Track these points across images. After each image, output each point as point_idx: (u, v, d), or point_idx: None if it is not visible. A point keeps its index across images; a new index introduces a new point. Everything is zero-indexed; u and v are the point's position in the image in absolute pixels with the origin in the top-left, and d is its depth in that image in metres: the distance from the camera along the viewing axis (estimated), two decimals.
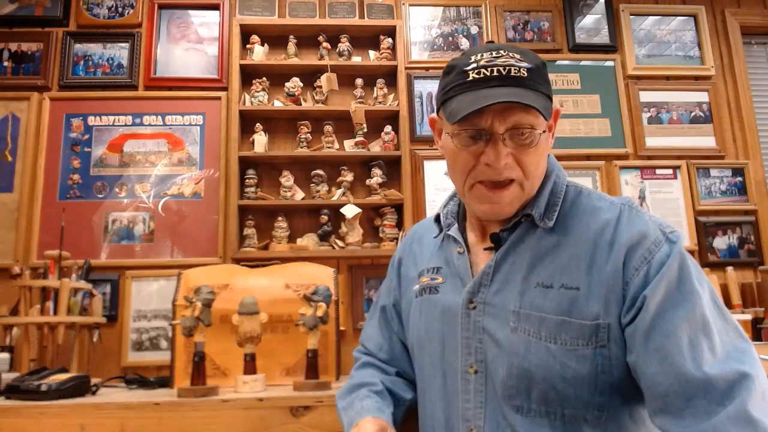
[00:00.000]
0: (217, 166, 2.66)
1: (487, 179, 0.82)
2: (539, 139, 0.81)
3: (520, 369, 0.77)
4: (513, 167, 0.81)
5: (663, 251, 0.75)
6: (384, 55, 2.77)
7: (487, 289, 0.84)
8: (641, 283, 0.73)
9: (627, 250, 0.75)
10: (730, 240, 2.80)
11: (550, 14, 3.01)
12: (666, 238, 0.76)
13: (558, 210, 0.84)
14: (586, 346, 0.74)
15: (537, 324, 0.77)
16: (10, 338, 1.95)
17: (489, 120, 0.79)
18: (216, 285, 1.33)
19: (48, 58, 2.70)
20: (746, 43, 3.09)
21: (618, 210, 0.82)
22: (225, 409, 1.04)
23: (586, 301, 0.75)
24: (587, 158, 2.84)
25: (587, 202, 0.85)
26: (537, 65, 0.83)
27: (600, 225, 0.80)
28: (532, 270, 0.81)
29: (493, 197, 0.82)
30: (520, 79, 0.79)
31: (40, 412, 1.02)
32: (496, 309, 0.82)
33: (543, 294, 0.78)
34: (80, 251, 2.39)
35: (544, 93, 0.81)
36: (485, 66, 0.80)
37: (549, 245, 0.82)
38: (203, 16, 2.83)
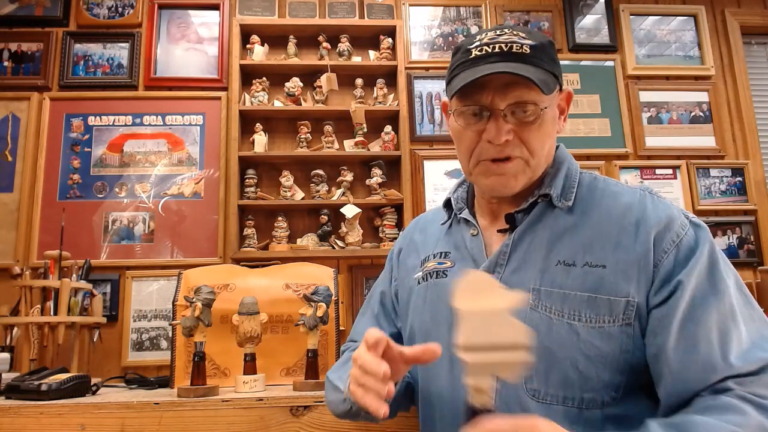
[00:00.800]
0: (217, 166, 2.67)
1: (489, 158, 0.81)
2: (543, 116, 0.80)
3: (541, 348, 0.74)
4: (516, 144, 0.80)
5: (690, 235, 0.76)
6: (384, 55, 2.77)
7: (503, 269, 0.82)
8: (671, 265, 0.74)
9: (656, 233, 0.75)
10: (729, 240, 2.80)
11: (550, 14, 3.01)
12: (691, 222, 0.77)
13: (575, 192, 0.84)
14: (612, 324, 0.73)
15: (560, 301, 0.75)
16: (11, 338, 1.95)
17: (490, 96, 0.79)
18: (216, 285, 1.33)
19: (48, 58, 2.70)
20: (746, 43, 3.09)
21: (638, 194, 0.82)
22: (225, 409, 1.04)
23: (615, 279, 0.74)
24: (587, 158, 2.84)
25: (604, 187, 0.85)
26: (542, 43, 0.82)
27: (622, 207, 0.80)
28: (551, 249, 0.79)
29: (498, 169, 0.81)
30: (521, 55, 0.78)
31: (40, 411, 1.02)
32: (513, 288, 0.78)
33: (565, 272, 0.77)
34: (80, 251, 2.39)
35: (547, 70, 0.80)
36: (488, 43, 0.80)
37: (568, 225, 0.81)
38: (203, 16, 2.83)
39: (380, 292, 1.05)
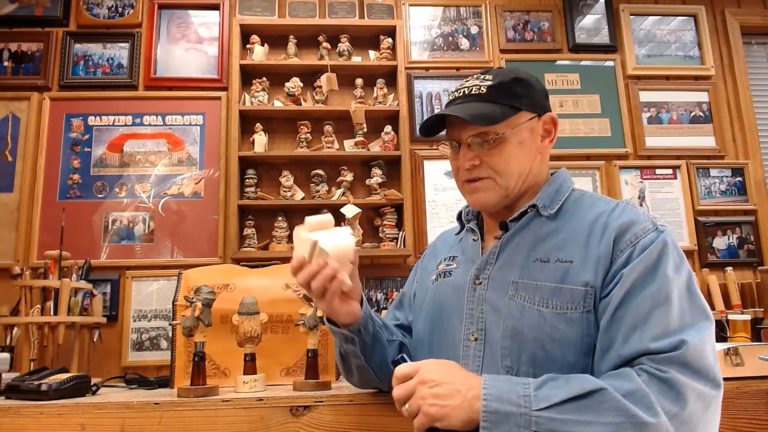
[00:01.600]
0: (217, 166, 2.67)
1: (464, 179, 0.99)
2: (504, 140, 0.94)
3: (514, 330, 0.87)
4: (483, 167, 0.96)
5: (648, 238, 0.85)
6: (384, 55, 2.77)
7: (492, 266, 0.95)
8: (623, 262, 0.84)
9: (617, 234, 0.86)
10: (729, 240, 2.80)
11: (550, 14, 3.01)
12: (655, 227, 0.86)
13: (561, 203, 0.96)
14: (574, 310, 0.84)
15: (532, 291, 0.88)
16: (11, 338, 1.95)
17: (457, 132, 0.98)
18: (216, 285, 1.33)
19: (48, 58, 2.70)
20: (746, 43, 3.09)
21: (615, 204, 0.93)
22: (225, 409, 1.04)
23: (578, 272, 0.86)
24: (587, 158, 2.84)
25: (588, 201, 0.97)
26: (503, 82, 0.97)
27: (596, 214, 0.91)
28: (532, 249, 0.92)
29: (471, 188, 0.98)
30: (477, 96, 0.96)
31: (40, 411, 1.02)
32: (498, 282, 0.93)
33: (540, 267, 0.89)
34: (80, 251, 2.39)
35: (504, 104, 0.95)
36: (457, 89, 1.00)
37: (549, 230, 0.93)
38: (203, 16, 2.83)
39: (401, 293, 1.22)
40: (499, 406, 0.73)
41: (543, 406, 0.73)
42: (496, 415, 0.73)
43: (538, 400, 0.73)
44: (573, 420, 0.72)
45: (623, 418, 0.71)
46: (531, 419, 0.72)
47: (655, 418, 0.71)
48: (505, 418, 0.73)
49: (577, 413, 0.72)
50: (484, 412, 0.73)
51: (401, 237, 2.58)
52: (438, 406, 0.74)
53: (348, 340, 0.98)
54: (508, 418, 0.72)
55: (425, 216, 2.71)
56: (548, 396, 0.74)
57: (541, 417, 0.72)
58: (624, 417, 0.71)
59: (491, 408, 0.73)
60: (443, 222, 2.71)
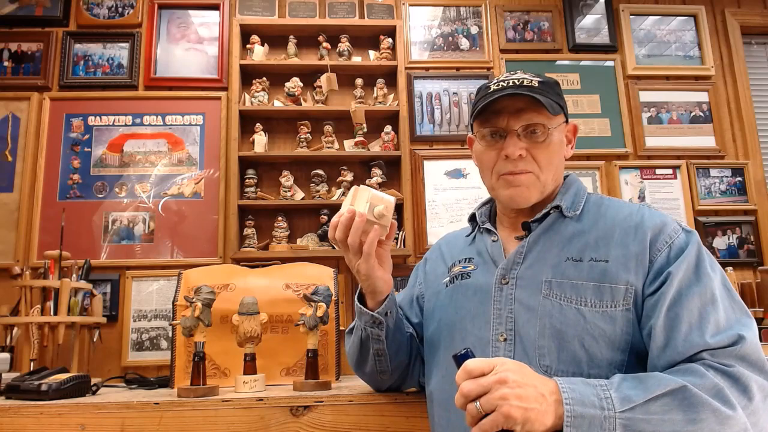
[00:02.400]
0: (217, 166, 2.67)
1: (507, 171, 0.96)
2: (551, 137, 0.95)
3: (552, 329, 0.86)
4: (528, 161, 0.95)
5: (681, 238, 0.89)
6: (384, 55, 2.77)
7: (519, 266, 0.94)
8: (664, 261, 0.86)
9: (652, 234, 0.89)
10: (729, 240, 2.80)
11: (550, 14, 3.01)
12: (683, 229, 0.91)
13: (582, 205, 0.98)
14: (615, 308, 0.85)
15: (569, 289, 0.88)
16: (11, 338, 1.96)
17: (505, 120, 0.95)
18: (216, 285, 1.33)
19: (48, 58, 2.70)
20: (746, 43, 3.09)
21: (638, 207, 0.97)
22: (225, 409, 1.04)
23: (617, 270, 0.87)
24: (587, 158, 2.84)
25: (609, 203, 0.99)
26: (549, 81, 0.98)
27: (624, 214, 0.94)
28: (562, 249, 0.92)
29: (514, 181, 0.96)
30: (531, 87, 0.94)
31: (40, 411, 1.02)
32: (527, 281, 0.92)
33: (574, 266, 0.90)
34: (80, 251, 2.39)
35: (553, 100, 0.94)
36: (503, 80, 0.97)
37: (576, 231, 0.94)
38: (203, 16, 2.83)
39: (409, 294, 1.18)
40: (583, 410, 0.72)
41: (627, 407, 0.72)
42: (580, 420, 0.71)
43: (621, 401, 0.73)
44: (659, 419, 0.72)
45: (708, 413, 0.72)
46: (616, 421, 0.72)
47: (734, 410, 0.73)
48: (590, 422, 0.71)
49: (662, 412, 0.72)
50: (568, 417, 0.71)
51: (401, 237, 2.58)
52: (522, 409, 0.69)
53: (375, 323, 0.98)
54: (593, 422, 0.71)
55: (425, 216, 2.71)
56: (629, 397, 0.73)
57: (626, 418, 0.72)
58: (708, 412, 0.72)
59: (576, 412, 0.72)
60: (443, 222, 2.71)
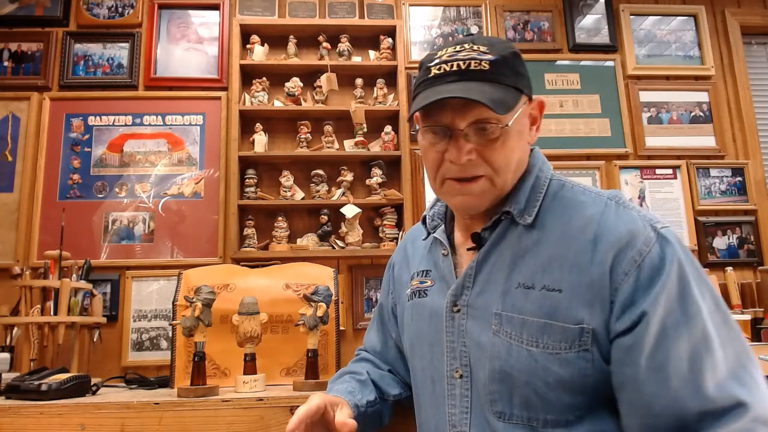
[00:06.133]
0: (217, 165, 2.67)
1: (453, 177, 0.81)
2: (506, 133, 0.78)
3: (502, 373, 0.75)
4: (478, 164, 0.78)
5: (654, 252, 0.71)
6: (384, 55, 2.77)
7: (470, 291, 0.81)
8: (632, 289, 0.70)
9: (615, 251, 0.71)
10: (729, 240, 2.80)
11: (550, 14, 3.01)
12: (657, 235, 0.72)
13: (539, 205, 0.81)
14: (569, 350, 0.72)
15: (519, 327, 0.75)
16: (11, 338, 1.95)
17: (450, 116, 0.78)
18: (216, 285, 1.33)
19: (48, 58, 2.70)
20: (746, 43, 3.09)
21: (603, 204, 0.77)
22: (225, 409, 1.04)
23: (570, 304, 0.72)
24: (587, 158, 2.84)
25: (570, 196, 0.81)
26: (504, 56, 0.79)
27: (583, 221, 0.76)
28: (513, 269, 0.78)
29: (463, 189, 0.80)
30: (480, 73, 0.77)
31: (40, 411, 1.02)
32: (478, 311, 0.80)
33: (524, 295, 0.75)
34: (80, 251, 2.39)
35: (509, 85, 0.78)
36: (446, 61, 0.79)
37: (530, 243, 0.78)
38: (203, 16, 2.83)
39: (380, 304, 1.10)
40: None
41: None
42: None
43: None
44: None
45: None
46: None
47: None
48: None
49: None
50: None
51: (401, 237, 2.58)
52: None
53: None
54: None
55: None
56: None
57: None
58: None
59: None
60: None
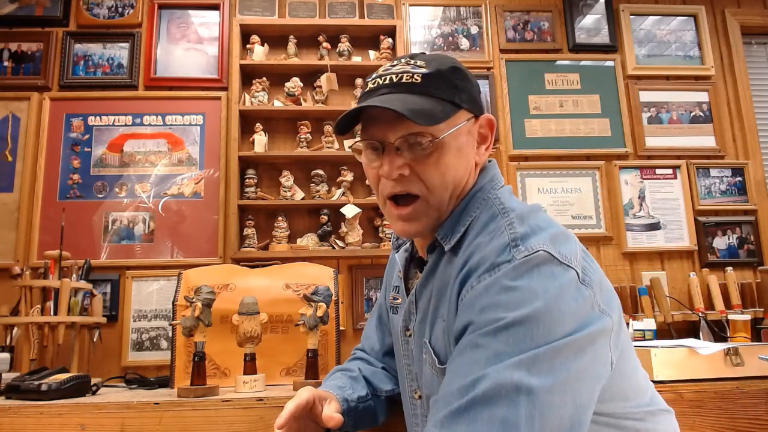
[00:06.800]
0: (217, 166, 2.67)
1: (389, 194, 0.78)
2: (441, 147, 0.75)
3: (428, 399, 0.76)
4: (412, 180, 0.75)
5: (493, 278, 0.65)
6: (384, 55, 2.77)
7: (415, 317, 0.82)
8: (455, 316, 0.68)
9: (462, 279, 0.69)
10: (729, 240, 2.80)
11: (550, 14, 3.01)
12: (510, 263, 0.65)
13: (464, 230, 0.76)
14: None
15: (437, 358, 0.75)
16: (11, 338, 1.95)
17: (381, 130, 0.76)
18: (216, 285, 1.33)
19: (48, 58, 2.70)
20: (746, 43, 3.09)
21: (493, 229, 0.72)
22: (225, 409, 1.04)
23: (446, 340, 0.72)
24: (587, 158, 2.84)
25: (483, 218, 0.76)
26: (440, 70, 0.76)
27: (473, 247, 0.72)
28: (439, 299, 0.76)
29: (401, 215, 0.78)
30: (411, 85, 0.74)
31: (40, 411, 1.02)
32: (418, 338, 0.81)
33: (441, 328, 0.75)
34: (80, 251, 2.39)
35: (443, 98, 0.75)
36: (380, 75, 0.78)
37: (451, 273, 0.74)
38: (203, 16, 2.83)
39: (378, 304, 1.11)
40: None
41: None
42: None
43: None
44: None
45: None
46: None
47: None
48: None
49: None
50: None
51: None
52: None
53: None
54: None
55: None
56: None
57: None
58: None
59: None
60: None
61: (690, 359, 1.27)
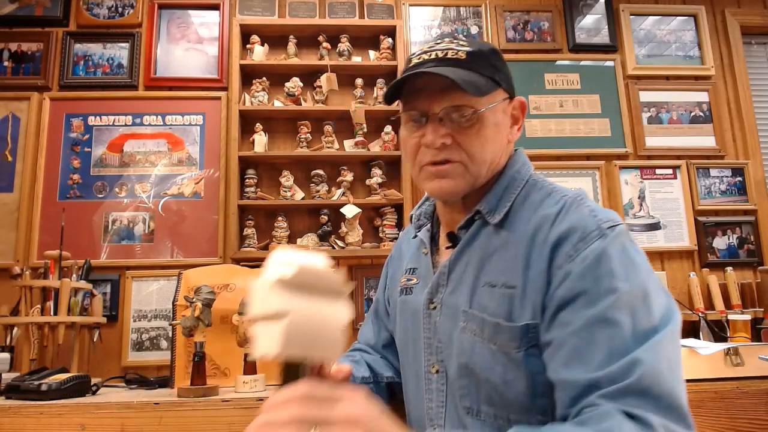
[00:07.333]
0: (217, 166, 2.67)
1: (429, 161, 0.82)
2: (482, 119, 0.80)
3: (467, 369, 0.77)
4: (453, 148, 0.80)
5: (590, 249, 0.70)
6: (384, 55, 2.77)
7: (444, 289, 0.84)
8: (559, 282, 0.70)
9: (553, 246, 0.73)
10: (729, 240, 2.80)
11: (550, 14, 3.01)
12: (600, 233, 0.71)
13: (509, 205, 0.82)
14: (518, 350, 0.73)
15: (481, 325, 0.77)
16: (11, 338, 1.95)
17: (426, 101, 0.81)
18: (216, 285, 1.33)
19: (48, 58, 2.70)
20: (746, 43, 3.09)
21: (562, 203, 0.78)
22: (225, 409, 1.04)
23: (520, 302, 0.74)
24: (587, 158, 2.84)
25: (536, 196, 0.82)
26: (481, 50, 0.82)
27: (539, 220, 0.77)
28: (482, 269, 0.80)
29: (438, 172, 0.82)
30: (456, 61, 0.79)
31: (40, 411, 1.02)
32: (451, 310, 0.82)
33: (489, 293, 0.77)
34: (80, 251, 2.39)
35: (484, 74, 0.80)
36: (425, 51, 0.83)
37: (498, 243, 0.80)
38: (203, 16, 2.83)
39: (375, 299, 1.12)
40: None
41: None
42: None
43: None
44: None
45: None
46: None
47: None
48: None
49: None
50: None
51: (401, 237, 2.58)
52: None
53: None
54: None
55: None
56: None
57: None
58: None
59: None
60: None
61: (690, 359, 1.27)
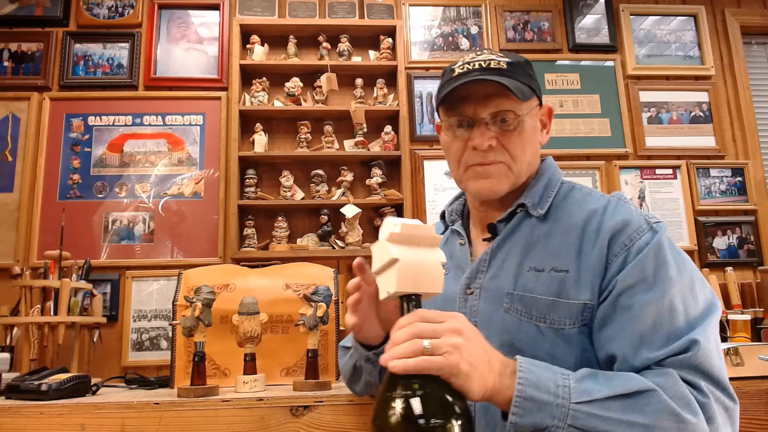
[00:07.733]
0: (217, 166, 2.67)
1: (476, 162, 0.89)
2: (523, 124, 0.88)
3: (511, 347, 0.80)
4: (499, 150, 0.88)
5: (644, 239, 0.79)
6: (384, 55, 2.77)
7: (484, 275, 0.89)
8: (618, 268, 0.78)
9: (610, 236, 0.80)
10: (729, 240, 2.80)
11: (550, 14, 3.01)
12: (650, 227, 0.81)
13: (551, 201, 0.90)
14: (572, 326, 0.79)
15: (528, 304, 0.82)
16: (11, 338, 1.95)
17: (472, 107, 0.88)
18: (216, 285, 1.33)
19: (48, 58, 2.70)
20: (746, 43, 3.09)
21: (606, 201, 0.87)
22: (225, 409, 1.04)
23: (575, 284, 0.80)
24: (587, 158, 2.84)
25: (578, 195, 0.91)
26: (519, 61, 0.91)
27: (587, 213, 0.85)
28: (525, 256, 0.86)
29: (483, 172, 0.89)
30: (499, 70, 0.87)
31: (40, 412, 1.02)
32: (491, 293, 0.86)
33: (535, 277, 0.83)
34: (80, 251, 2.39)
35: (524, 82, 0.88)
36: (468, 62, 0.90)
37: (541, 233, 0.87)
38: (203, 16, 2.83)
39: None
40: (535, 393, 0.66)
41: (584, 399, 0.67)
42: (530, 402, 0.66)
43: (578, 392, 0.67)
44: (615, 419, 0.66)
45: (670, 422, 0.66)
46: (568, 412, 0.66)
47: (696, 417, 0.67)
48: (539, 407, 0.66)
49: (620, 412, 0.66)
50: (517, 398, 0.66)
51: None
52: (469, 364, 0.63)
53: (369, 361, 0.93)
54: (542, 408, 0.66)
55: (425, 216, 2.71)
56: (589, 390, 0.68)
57: (579, 411, 0.66)
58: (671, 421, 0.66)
59: (526, 394, 0.66)
60: None
61: None
